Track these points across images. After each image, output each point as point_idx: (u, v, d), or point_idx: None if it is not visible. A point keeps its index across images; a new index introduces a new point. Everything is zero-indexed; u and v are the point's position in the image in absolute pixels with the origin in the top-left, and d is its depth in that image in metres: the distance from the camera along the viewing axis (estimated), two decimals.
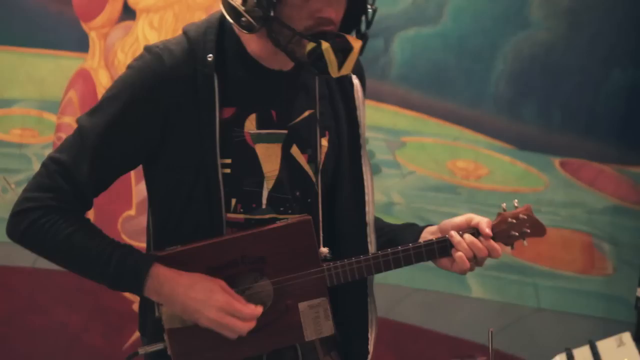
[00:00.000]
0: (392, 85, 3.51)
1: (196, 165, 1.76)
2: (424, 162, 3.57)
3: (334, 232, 1.91)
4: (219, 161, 1.76)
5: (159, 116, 1.74)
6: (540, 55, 3.44)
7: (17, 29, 3.68)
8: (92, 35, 3.66)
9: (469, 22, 3.47)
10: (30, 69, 3.69)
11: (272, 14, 1.65)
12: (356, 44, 1.69)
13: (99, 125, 1.74)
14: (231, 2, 1.71)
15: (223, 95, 1.75)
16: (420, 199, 3.58)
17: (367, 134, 3.50)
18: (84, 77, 3.67)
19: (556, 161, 3.48)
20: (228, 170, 1.78)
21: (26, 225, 1.76)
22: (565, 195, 3.48)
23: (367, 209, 1.92)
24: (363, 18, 1.76)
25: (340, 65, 1.68)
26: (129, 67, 1.79)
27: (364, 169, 1.93)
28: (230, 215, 1.79)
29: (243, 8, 1.68)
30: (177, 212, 1.80)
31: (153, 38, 3.60)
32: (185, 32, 1.79)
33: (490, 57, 3.47)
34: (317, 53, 1.66)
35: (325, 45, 1.66)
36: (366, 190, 1.93)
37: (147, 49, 1.78)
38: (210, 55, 1.74)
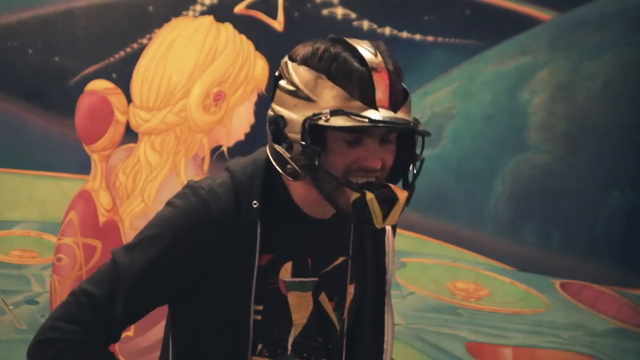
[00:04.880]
0: None
1: (228, 309, 1.73)
2: (424, 283, 3.56)
3: None
4: (252, 308, 1.73)
5: (198, 260, 1.71)
6: (539, 177, 3.47)
7: (18, 151, 3.70)
8: (94, 158, 3.68)
9: (468, 144, 3.50)
10: (32, 190, 3.69)
11: (316, 162, 1.62)
12: (402, 195, 1.63)
13: (137, 265, 1.71)
14: (277, 149, 1.68)
15: (262, 242, 1.72)
16: (421, 320, 3.56)
17: None
18: (85, 199, 3.68)
19: (557, 283, 3.48)
20: (259, 317, 1.75)
21: (49, 356, 1.71)
22: (566, 317, 3.47)
23: (384, 356, 1.90)
24: (411, 168, 1.71)
25: (385, 217, 1.62)
26: (172, 205, 1.74)
27: (385, 316, 1.91)
28: (255, 358, 1.77)
29: (289, 155, 1.65)
30: (201, 351, 1.78)
31: (155, 160, 3.62)
32: (231, 172, 1.76)
33: (490, 179, 3.49)
34: (362, 203, 1.60)
35: (369, 195, 1.59)
36: (385, 339, 1.91)
37: (193, 190, 1.73)
38: (256, 202, 1.71)
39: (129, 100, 3.66)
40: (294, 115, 1.64)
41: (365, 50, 1.64)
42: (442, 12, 3.47)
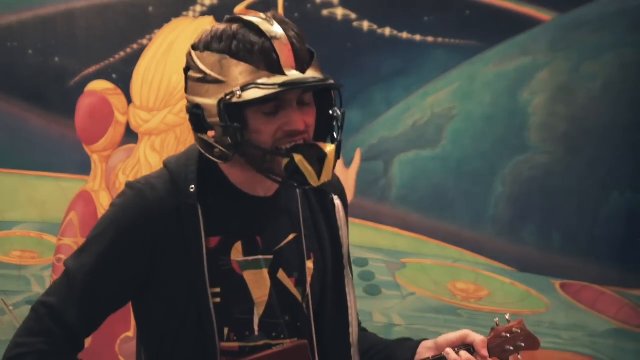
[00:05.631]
0: (391, 207, 3.52)
1: (186, 297, 1.74)
2: (424, 284, 3.56)
3: (323, 354, 1.89)
4: (209, 291, 1.74)
5: (145, 252, 1.73)
6: (539, 178, 3.47)
7: (19, 152, 3.70)
8: (94, 158, 3.68)
9: (468, 145, 3.50)
10: (32, 191, 3.70)
11: (239, 139, 1.65)
12: (329, 149, 1.68)
13: (85, 266, 1.73)
14: (201, 136, 1.71)
15: (207, 225, 1.74)
16: (421, 321, 3.56)
17: (367, 255, 3.55)
18: (85, 199, 3.68)
19: (557, 283, 3.48)
20: (218, 300, 1.75)
21: None
22: (566, 317, 3.47)
23: (350, 329, 1.91)
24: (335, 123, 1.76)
25: (319, 174, 1.67)
26: (112, 205, 1.78)
27: (347, 289, 1.92)
28: (224, 344, 1.77)
29: (213, 140, 1.69)
30: (169, 344, 1.78)
31: (155, 160, 3.62)
32: (165, 165, 1.80)
33: (490, 180, 3.49)
34: (292, 166, 1.65)
35: (298, 157, 1.64)
36: (349, 311, 1.91)
37: (129, 185, 1.77)
38: (193, 186, 1.73)
39: (129, 100, 3.66)
40: (208, 100, 1.67)
41: (262, 21, 1.68)
42: (442, 12, 3.47)
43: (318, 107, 1.74)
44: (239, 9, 3.57)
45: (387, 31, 3.50)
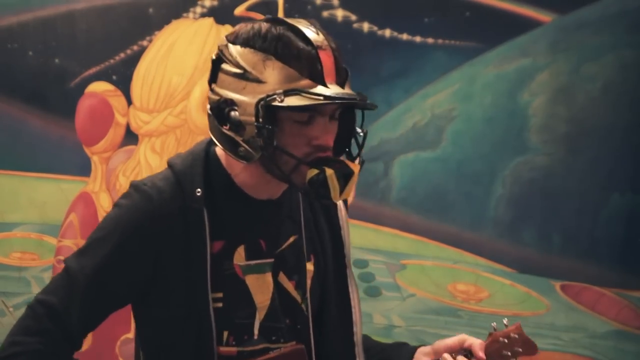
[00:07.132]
0: (392, 209, 3.52)
1: (187, 301, 1.72)
2: (425, 285, 3.56)
3: (325, 356, 1.89)
4: (210, 296, 1.73)
5: (149, 256, 1.71)
6: (539, 179, 3.47)
7: (19, 153, 3.71)
8: (94, 159, 3.68)
9: (468, 146, 3.50)
10: (32, 192, 3.70)
11: (274, 143, 1.63)
12: (355, 168, 1.67)
13: (87, 267, 1.70)
14: (226, 132, 1.68)
15: (212, 230, 1.73)
16: (421, 322, 3.56)
17: (367, 256, 3.55)
18: (85, 201, 3.68)
19: (557, 285, 3.48)
20: (219, 304, 1.75)
21: None
22: (566, 319, 3.47)
23: (354, 329, 1.91)
24: (353, 141, 1.76)
25: (341, 191, 1.65)
26: (117, 205, 1.75)
27: (350, 288, 1.91)
28: (222, 348, 1.76)
29: (241, 138, 1.66)
30: (167, 347, 1.77)
31: (155, 162, 3.62)
32: (171, 166, 1.77)
33: (490, 181, 3.49)
34: (321, 179, 1.63)
35: (329, 171, 1.63)
36: (353, 310, 1.91)
37: (135, 186, 1.75)
38: (199, 189, 1.72)
39: (129, 102, 3.66)
40: (244, 97, 1.64)
41: (307, 29, 1.66)
42: (442, 14, 3.47)
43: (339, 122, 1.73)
44: (239, 11, 3.57)
45: (387, 32, 3.50)
